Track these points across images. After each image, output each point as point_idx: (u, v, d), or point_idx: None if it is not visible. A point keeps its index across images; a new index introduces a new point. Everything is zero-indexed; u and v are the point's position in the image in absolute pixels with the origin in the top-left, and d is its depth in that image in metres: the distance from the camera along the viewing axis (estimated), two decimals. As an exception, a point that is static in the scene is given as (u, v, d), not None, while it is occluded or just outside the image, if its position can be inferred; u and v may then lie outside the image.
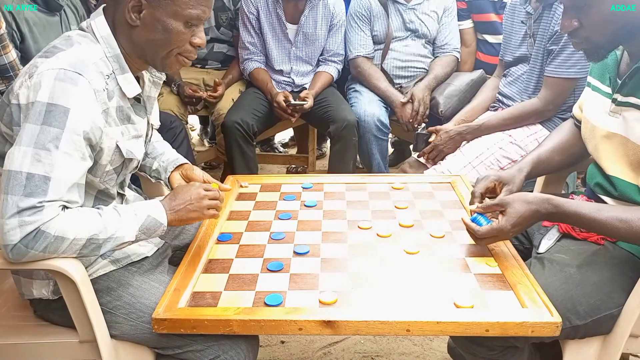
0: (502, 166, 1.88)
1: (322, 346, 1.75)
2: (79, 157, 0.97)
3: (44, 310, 1.14)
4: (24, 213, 0.91)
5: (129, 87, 1.07)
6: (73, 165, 0.96)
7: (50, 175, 0.93)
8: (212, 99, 2.47)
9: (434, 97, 2.35)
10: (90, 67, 0.99)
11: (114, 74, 1.05)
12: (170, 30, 1.03)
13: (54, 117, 0.93)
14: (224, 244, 1.21)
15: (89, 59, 1.00)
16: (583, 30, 1.07)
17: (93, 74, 1.00)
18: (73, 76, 0.96)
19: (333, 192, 1.50)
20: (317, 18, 2.46)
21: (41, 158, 0.93)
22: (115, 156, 1.08)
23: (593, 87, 1.24)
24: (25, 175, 0.92)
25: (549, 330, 0.93)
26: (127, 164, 1.12)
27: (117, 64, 1.05)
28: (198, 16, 1.03)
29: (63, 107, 0.94)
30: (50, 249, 0.94)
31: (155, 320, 0.96)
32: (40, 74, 0.95)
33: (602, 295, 1.06)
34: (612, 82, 1.16)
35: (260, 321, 0.95)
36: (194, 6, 1.02)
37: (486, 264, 1.12)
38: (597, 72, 1.23)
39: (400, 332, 0.95)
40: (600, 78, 1.21)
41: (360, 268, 1.11)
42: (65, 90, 0.95)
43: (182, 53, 1.07)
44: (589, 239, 1.17)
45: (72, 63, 0.97)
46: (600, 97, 1.20)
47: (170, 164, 1.32)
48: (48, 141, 0.93)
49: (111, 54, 1.05)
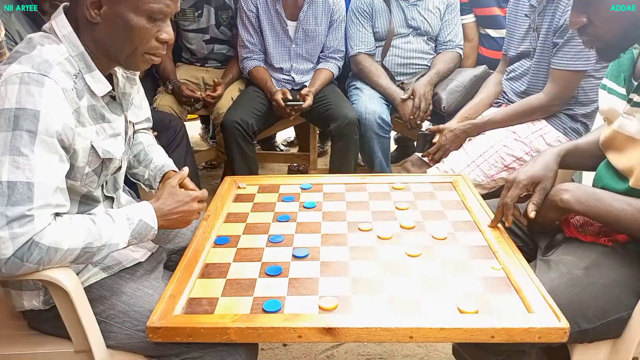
0: (507, 164, 1.85)
1: (325, 349, 1.73)
2: (57, 159, 0.94)
3: (37, 322, 1.12)
4: (13, 224, 0.88)
5: (97, 85, 1.03)
6: (52, 168, 0.93)
7: (32, 180, 0.90)
8: (210, 99, 2.45)
9: (437, 93, 2.31)
10: (54, 67, 0.96)
11: (81, 73, 1.01)
12: (132, 27, 0.98)
13: (24, 121, 0.90)
14: (221, 248, 1.19)
15: (53, 59, 0.96)
16: (592, 27, 1.02)
17: (59, 73, 0.96)
18: (38, 78, 0.92)
19: (332, 192, 1.47)
20: (316, 14, 2.43)
21: (19, 164, 0.89)
22: (92, 157, 1.04)
23: (609, 89, 1.16)
24: (6, 184, 0.89)
25: (556, 336, 0.90)
26: (106, 164, 1.08)
27: (82, 63, 1.01)
28: (161, 10, 0.98)
29: (32, 110, 0.90)
30: (45, 260, 0.91)
31: (149, 328, 0.93)
32: (5, 81, 0.92)
33: (611, 298, 1.03)
34: (627, 82, 1.09)
35: (259, 329, 0.93)
36: (155, 0, 0.97)
37: (490, 266, 1.09)
38: (612, 73, 1.15)
39: (403, 339, 0.93)
40: (616, 80, 1.14)
41: (360, 272, 1.08)
42: (31, 93, 0.91)
43: (149, 51, 1.02)
44: (597, 242, 1.13)
45: (36, 65, 0.94)
46: (616, 99, 1.12)
47: (158, 172, 1.29)
48: (22, 146, 0.90)
49: (75, 52, 1.00)
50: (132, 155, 1.31)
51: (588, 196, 1.08)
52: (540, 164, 1.18)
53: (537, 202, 1.14)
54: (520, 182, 1.15)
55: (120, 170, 1.17)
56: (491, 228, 1.22)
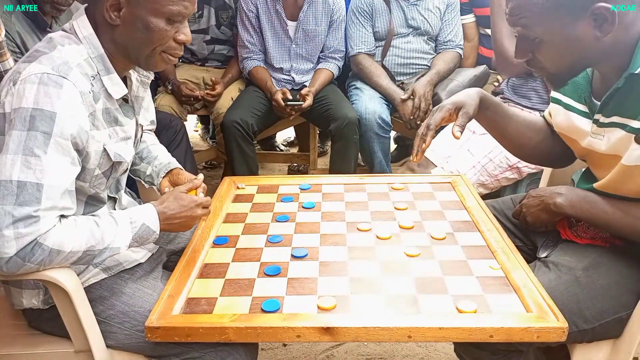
0: (512, 164, 1.85)
1: (325, 349, 1.73)
2: (69, 162, 0.95)
3: (36, 321, 1.12)
4: (19, 224, 0.88)
5: (114, 88, 1.04)
6: (64, 170, 0.93)
7: (42, 181, 0.90)
8: (210, 98, 2.45)
9: (437, 93, 2.31)
10: (74, 69, 0.97)
11: (99, 75, 1.02)
12: (151, 29, 0.99)
13: (40, 122, 0.91)
14: (220, 248, 1.19)
15: (72, 60, 0.97)
16: (537, 61, 1.04)
17: (77, 76, 0.97)
18: (57, 79, 0.93)
19: (331, 193, 1.47)
20: (316, 14, 2.43)
21: (31, 165, 0.90)
22: (103, 160, 1.05)
23: (565, 105, 1.17)
24: (16, 183, 0.89)
25: (555, 335, 0.90)
26: (116, 167, 1.09)
27: (101, 65, 1.02)
28: (179, 12, 1.00)
29: (49, 111, 0.91)
30: (46, 261, 0.91)
31: (148, 328, 0.94)
32: (24, 80, 0.93)
33: (609, 298, 1.03)
34: (587, 101, 1.10)
35: (257, 328, 0.93)
36: (174, 2, 0.98)
37: (489, 266, 1.08)
38: (568, 90, 1.16)
39: (402, 339, 0.93)
40: (572, 96, 1.15)
41: (359, 272, 1.08)
42: (49, 94, 0.92)
43: (167, 50, 1.04)
44: (593, 243, 1.13)
45: (56, 66, 0.95)
46: (579, 118, 1.13)
47: (162, 169, 1.30)
48: (36, 147, 0.90)
49: (95, 54, 1.01)
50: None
51: (581, 200, 1.09)
52: (463, 93, 1.21)
53: (460, 124, 1.14)
54: (444, 106, 1.18)
55: (125, 172, 1.18)
56: (415, 162, 1.20)
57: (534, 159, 1.35)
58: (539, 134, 1.27)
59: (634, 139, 0.97)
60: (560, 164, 1.32)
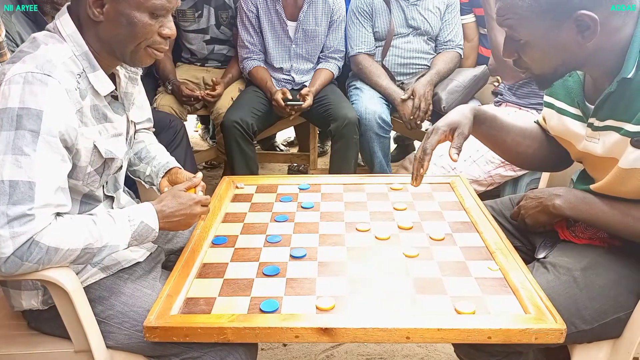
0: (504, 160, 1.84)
1: (325, 349, 1.73)
2: (59, 159, 0.95)
3: (36, 321, 1.12)
4: (14, 223, 0.88)
5: (101, 85, 1.04)
6: (54, 167, 0.93)
7: (34, 179, 0.90)
8: (210, 98, 2.45)
9: (437, 93, 2.31)
10: (58, 67, 0.96)
11: (85, 73, 1.02)
12: (135, 23, 0.99)
13: (27, 121, 0.91)
14: (218, 248, 1.19)
15: (56, 59, 0.97)
16: (523, 62, 1.05)
17: (62, 73, 0.96)
18: (42, 78, 0.93)
19: (330, 193, 1.47)
20: (316, 14, 2.43)
21: (21, 164, 0.90)
22: (94, 157, 1.04)
23: (558, 109, 1.17)
24: (8, 183, 0.89)
25: (553, 336, 0.90)
26: (108, 164, 1.09)
27: (86, 62, 1.02)
28: (163, 6, 0.99)
29: (35, 109, 0.91)
30: (44, 260, 0.91)
31: (146, 328, 0.94)
32: (8, 80, 0.92)
33: (608, 299, 1.03)
34: (580, 105, 1.10)
35: (256, 329, 0.93)
36: None
37: (487, 267, 1.08)
38: (560, 93, 1.17)
39: (400, 340, 0.93)
40: (564, 100, 1.16)
41: (358, 272, 1.08)
42: (35, 92, 0.92)
43: (152, 45, 1.03)
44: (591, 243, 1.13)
45: (40, 65, 0.94)
46: (573, 122, 1.13)
47: (161, 169, 1.30)
48: (25, 145, 0.90)
49: (79, 52, 1.01)
50: (132, 153, 1.32)
51: (579, 201, 1.09)
52: (456, 112, 1.19)
53: (457, 145, 1.13)
54: (439, 128, 1.15)
55: (120, 170, 1.17)
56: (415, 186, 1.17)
57: (533, 166, 1.36)
58: (535, 141, 1.27)
59: (630, 143, 0.97)
60: (560, 168, 1.32)
